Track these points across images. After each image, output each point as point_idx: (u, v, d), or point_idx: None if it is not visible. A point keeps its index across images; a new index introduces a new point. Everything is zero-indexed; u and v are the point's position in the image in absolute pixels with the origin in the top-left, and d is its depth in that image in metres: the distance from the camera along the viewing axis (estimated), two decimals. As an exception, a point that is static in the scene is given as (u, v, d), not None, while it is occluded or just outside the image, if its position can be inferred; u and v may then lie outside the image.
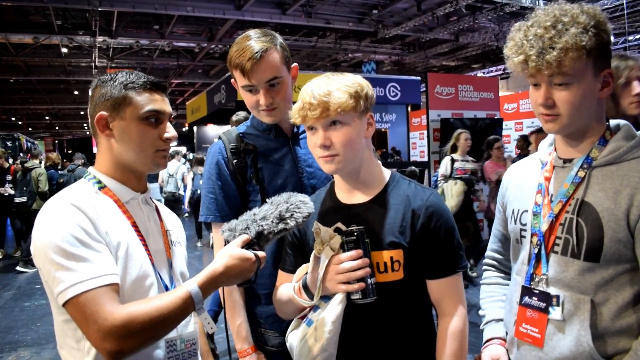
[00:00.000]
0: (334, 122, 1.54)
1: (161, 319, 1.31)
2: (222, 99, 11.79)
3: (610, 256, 1.41)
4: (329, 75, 1.60)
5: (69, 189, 1.48)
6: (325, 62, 19.59)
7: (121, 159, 1.52)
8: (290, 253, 1.77)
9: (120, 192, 1.53)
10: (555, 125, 1.49)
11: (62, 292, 1.27)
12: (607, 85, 1.47)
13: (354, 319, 1.55)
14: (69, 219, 1.33)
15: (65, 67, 18.77)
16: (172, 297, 1.34)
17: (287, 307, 1.69)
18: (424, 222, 1.58)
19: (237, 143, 2.04)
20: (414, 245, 1.57)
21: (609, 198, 1.43)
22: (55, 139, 40.91)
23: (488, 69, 20.26)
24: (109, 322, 1.25)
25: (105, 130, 1.50)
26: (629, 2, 12.44)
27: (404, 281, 1.57)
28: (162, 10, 11.89)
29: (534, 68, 1.41)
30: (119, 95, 1.49)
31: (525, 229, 1.62)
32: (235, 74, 1.93)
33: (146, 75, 1.55)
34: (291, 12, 12.75)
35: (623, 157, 1.46)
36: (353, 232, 1.52)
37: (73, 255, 1.29)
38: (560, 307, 1.48)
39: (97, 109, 1.50)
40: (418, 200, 1.61)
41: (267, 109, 1.94)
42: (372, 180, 1.67)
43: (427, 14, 13.03)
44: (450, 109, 9.59)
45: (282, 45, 1.98)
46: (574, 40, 1.36)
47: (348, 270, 1.50)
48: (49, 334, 5.59)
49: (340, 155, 1.56)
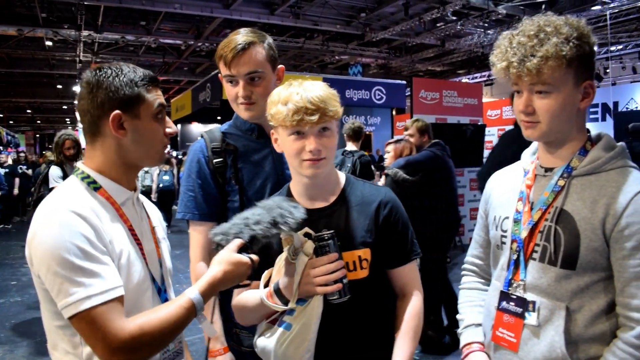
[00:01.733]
0: (324, 128, 1.59)
1: (169, 329, 1.34)
2: (207, 98, 11.74)
3: (586, 264, 1.45)
4: (301, 81, 1.63)
5: (63, 190, 1.44)
6: (312, 64, 19.60)
7: (129, 158, 1.50)
8: None
9: (116, 193, 1.50)
10: (534, 132, 1.53)
11: (68, 306, 1.26)
12: (587, 96, 1.50)
13: (327, 317, 1.59)
14: (72, 229, 1.30)
15: (49, 61, 18.55)
16: (177, 307, 1.37)
17: (253, 312, 1.70)
18: (385, 216, 1.69)
19: (219, 142, 2.05)
20: (378, 241, 1.67)
21: (586, 207, 1.46)
22: (36, 133, 40.43)
23: (473, 75, 20.42)
24: (118, 338, 1.26)
25: (119, 130, 1.44)
26: (612, 14, 12.61)
27: (369, 278, 1.65)
28: (149, 6, 11.81)
29: (515, 74, 1.46)
30: (132, 93, 1.45)
31: (505, 236, 1.65)
32: (220, 65, 1.96)
33: (142, 70, 1.53)
34: (279, 12, 12.74)
35: (602, 167, 1.49)
36: (325, 237, 1.56)
37: (79, 269, 1.27)
38: (536, 313, 1.51)
39: (105, 107, 1.43)
40: (376, 198, 1.71)
41: (245, 102, 1.95)
42: (332, 184, 1.74)
43: (414, 18, 13.10)
44: (434, 113, 9.65)
45: (269, 45, 1.99)
46: (554, 50, 1.40)
47: (326, 273, 1.54)
48: (24, 331, 5.52)
49: (327, 159, 1.61)
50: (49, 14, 13.07)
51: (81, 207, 1.35)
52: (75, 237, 1.29)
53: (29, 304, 6.59)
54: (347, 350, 1.65)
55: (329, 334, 1.61)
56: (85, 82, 1.47)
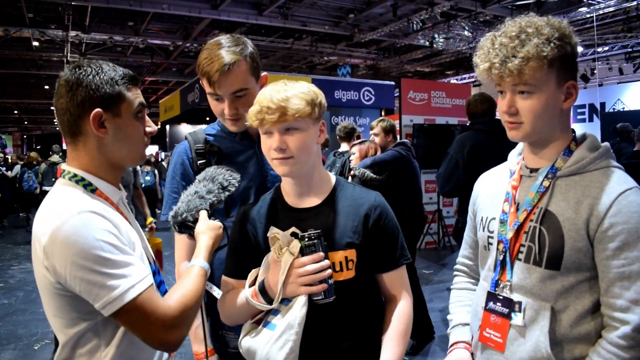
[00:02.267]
0: (290, 128, 1.59)
1: (198, 297, 1.47)
2: (195, 98, 11.74)
3: (570, 264, 1.46)
4: (286, 82, 1.64)
5: (65, 194, 1.42)
6: (301, 64, 19.59)
7: (111, 157, 1.50)
8: (234, 258, 1.80)
9: (111, 193, 1.52)
10: (518, 133, 1.54)
11: (114, 301, 1.29)
12: (570, 97, 1.51)
13: (312, 318, 1.59)
14: (97, 226, 1.32)
15: (36, 61, 18.40)
16: (196, 276, 1.51)
17: (240, 311, 1.72)
18: (375, 220, 1.68)
19: (203, 144, 2.05)
20: (365, 243, 1.66)
21: (570, 208, 1.47)
22: (23, 133, 40.09)
23: (461, 76, 20.50)
24: (169, 316, 1.35)
25: (100, 128, 1.44)
26: (598, 15, 12.72)
27: (355, 279, 1.65)
28: (137, 7, 11.74)
29: (497, 75, 1.47)
30: (113, 91, 1.45)
31: (492, 236, 1.66)
32: (203, 81, 1.94)
33: (122, 68, 1.53)
34: (267, 13, 12.71)
35: (586, 167, 1.50)
36: (312, 236, 1.58)
37: (115, 263, 1.31)
38: (522, 313, 1.52)
39: (85, 105, 1.42)
40: (366, 202, 1.70)
41: (232, 118, 1.95)
42: (321, 184, 1.74)
43: (402, 19, 13.13)
44: (423, 114, 9.70)
45: (252, 56, 1.96)
46: (535, 50, 1.41)
47: (311, 272, 1.55)
48: (10, 333, 5.43)
49: (295, 157, 1.60)
50: (35, 14, 12.95)
51: (95, 207, 1.37)
52: (101, 234, 1.31)
53: (16, 306, 6.53)
54: (333, 352, 1.65)
55: (314, 335, 1.62)
56: (63, 80, 1.45)
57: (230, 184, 1.76)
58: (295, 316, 1.56)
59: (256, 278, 1.69)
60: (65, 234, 1.29)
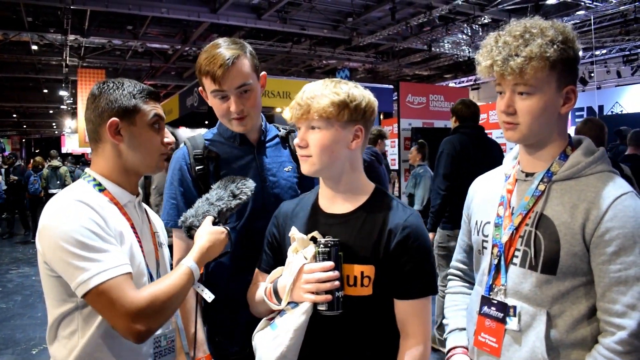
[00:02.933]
0: (314, 126, 1.58)
1: (176, 295, 1.50)
2: (194, 102, 11.70)
3: (566, 269, 1.45)
4: (329, 80, 1.63)
5: (71, 188, 1.58)
6: (300, 68, 19.60)
7: (127, 163, 1.64)
8: (268, 253, 1.79)
9: (119, 195, 1.64)
10: (514, 134, 1.53)
11: (84, 283, 1.38)
12: (569, 102, 1.51)
13: (318, 329, 1.56)
14: (81, 214, 1.44)
15: (34, 65, 18.39)
16: (179, 275, 1.54)
17: (259, 306, 1.72)
18: (399, 241, 1.56)
19: (201, 150, 2.03)
20: (386, 263, 1.56)
21: (566, 212, 1.46)
22: (22, 137, 40.04)
23: (460, 79, 20.52)
24: (135, 305, 1.39)
25: (116, 135, 1.60)
26: (596, 18, 12.74)
27: (372, 298, 1.56)
28: (136, 10, 11.75)
29: (498, 73, 1.47)
30: (129, 103, 1.61)
31: (487, 240, 1.65)
32: (205, 82, 1.93)
33: (142, 85, 1.69)
34: (266, 17, 12.72)
35: (582, 172, 1.50)
36: (327, 244, 1.53)
37: (92, 247, 1.40)
38: (517, 318, 1.51)
39: (104, 115, 1.60)
40: (397, 219, 1.60)
41: (238, 116, 1.93)
42: (353, 192, 1.67)
43: (401, 23, 13.15)
44: (421, 118, 9.69)
45: (251, 53, 1.97)
46: (538, 50, 1.41)
47: (317, 280, 1.50)
48: (8, 338, 5.42)
49: (313, 157, 1.59)
50: (34, 18, 12.96)
51: (89, 199, 1.50)
52: (85, 221, 1.42)
53: (14, 310, 6.52)
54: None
55: (317, 347, 1.59)
56: (90, 94, 1.65)
57: (242, 192, 1.79)
58: (294, 322, 1.53)
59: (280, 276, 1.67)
60: (54, 217, 1.44)
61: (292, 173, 2.15)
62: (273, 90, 9.89)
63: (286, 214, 1.78)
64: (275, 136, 2.19)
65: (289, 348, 1.52)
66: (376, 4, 12.60)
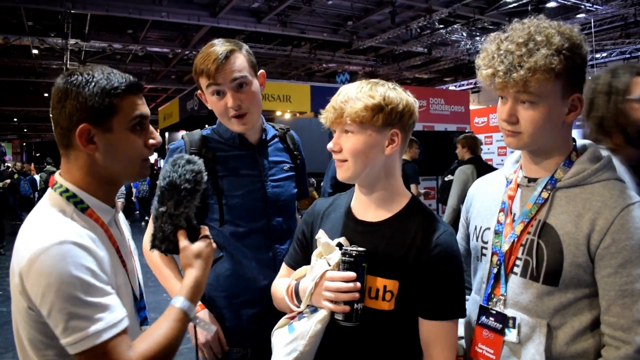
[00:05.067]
0: (347, 130, 1.52)
1: (169, 347, 1.31)
2: (194, 106, 11.73)
3: (569, 280, 1.40)
4: (365, 82, 1.57)
5: (53, 215, 1.32)
6: (300, 72, 19.59)
7: (104, 174, 1.39)
8: (296, 249, 1.75)
9: (102, 213, 1.40)
10: (515, 142, 1.47)
11: (77, 343, 1.21)
12: (574, 110, 1.44)
13: (335, 338, 1.52)
14: (75, 261, 1.22)
15: (35, 69, 18.40)
16: (170, 322, 1.34)
17: (280, 302, 1.68)
18: (428, 259, 1.48)
19: (198, 147, 2.00)
20: (412, 279, 1.49)
21: (570, 221, 1.40)
22: (23, 141, 40.04)
23: (460, 83, 20.51)
24: None
25: (88, 144, 1.33)
26: (597, 21, 12.75)
27: (393, 313, 1.49)
28: (137, 15, 11.75)
29: (501, 84, 1.39)
30: (103, 103, 1.31)
31: (486, 247, 1.59)
32: (201, 80, 1.93)
33: (122, 74, 1.39)
34: (266, 20, 12.73)
35: (587, 179, 1.44)
36: (352, 253, 1.45)
37: (87, 303, 1.21)
38: (516, 330, 1.46)
39: (73, 119, 1.31)
40: (429, 235, 1.51)
41: (237, 113, 1.92)
42: (387, 201, 1.59)
43: (401, 26, 13.14)
44: (422, 121, 9.70)
45: (247, 51, 1.97)
46: (543, 62, 1.33)
47: (337, 290, 1.44)
48: (8, 342, 5.43)
49: (349, 162, 1.53)
50: (35, 22, 12.97)
51: (80, 237, 1.26)
52: (79, 270, 1.21)
53: (15, 314, 6.45)
54: None
55: (332, 356, 1.55)
56: (55, 88, 1.35)
57: (197, 180, 1.44)
58: (310, 328, 1.48)
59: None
60: (43, 264, 1.20)
61: (291, 172, 2.16)
62: (273, 94, 9.91)
63: (319, 212, 1.73)
64: (274, 136, 2.19)
65: (303, 355, 1.48)
66: (376, 7, 12.60)
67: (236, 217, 1.99)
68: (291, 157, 2.18)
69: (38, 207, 1.38)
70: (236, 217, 1.99)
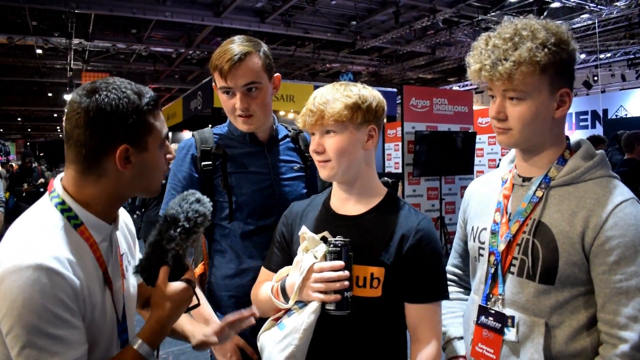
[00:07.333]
0: (329, 131, 1.57)
1: None
2: (198, 106, 11.72)
3: (565, 279, 1.40)
4: (337, 84, 1.63)
5: (33, 232, 1.23)
6: (303, 72, 19.60)
7: (124, 192, 1.35)
8: (276, 252, 1.78)
9: (96, 231, 1.33)
10: (506, 139, 1.49)
11: None
12: (563, 105, 1.45)
13: (326, 329, 1.55)
14: (47, 290, 1.14)
15: (39, 69, 18.44)
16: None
17: (264, 305, 1.70)
18: (412, 245, 1.58)
19: (210, 144, 2.01)
20: (397, 266, 1.57)
21: (564, 220, 1.41)
22: (26, 141, 40.17)
23: (464, 83, 20.49)
24: None
25: (126, 164, 1.28)
26: (601, 22, 12.72)
27: (381, 300, 1.57)
28: (140, 14, 11.77)
29: (487, 77, 1.42)
30: (140, 122, 1.28)
31: (483, 247, 1.61)
32: (215, 76, 1.93)
33: (143, 88, 1.35)
34: (270, 20, 12.74)
35: (580, 177, 1.45)
36: (338, 244, 1.52)
37: (47, 335, 1.14)
38: (515, 329, 1.47)
39: (108, 139, 1.25)
40: (409, 223, 1.61)
41: (243, 114, 1.92)
42: (366, 193, 1.68)
43: (404, 27, 13.13)
44: (425, 121, 9.65)
45: (265, 53, 1.96)
46: (527, 54, 1.36)
47: (327, 280, 1.49)
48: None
49: (332, 161, 1.58)
50: (39, 22, 13.00)
51: (58, 262, 1.18)
52: (47, 300, 1.14)
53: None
54: None
55: (325, 347, 1.57)
56: (80, 107, 1.25)
57: (197, 222, 1.40)
58: (303, 321, 1.52)
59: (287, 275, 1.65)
60: (12, 284, 1.13)
61: (301, 172, 2.16)
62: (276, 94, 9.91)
63: (297, 213, 1.78)
64: (285, 136, 2.19)
65: (298, 348, 1.52)
66: (380, 7, 12.60)
67: (245, 214, 2.00)
68: (302, 158, 2.19)
69: (28, 214, 1.31)
70: (245, 214, 2.00)
